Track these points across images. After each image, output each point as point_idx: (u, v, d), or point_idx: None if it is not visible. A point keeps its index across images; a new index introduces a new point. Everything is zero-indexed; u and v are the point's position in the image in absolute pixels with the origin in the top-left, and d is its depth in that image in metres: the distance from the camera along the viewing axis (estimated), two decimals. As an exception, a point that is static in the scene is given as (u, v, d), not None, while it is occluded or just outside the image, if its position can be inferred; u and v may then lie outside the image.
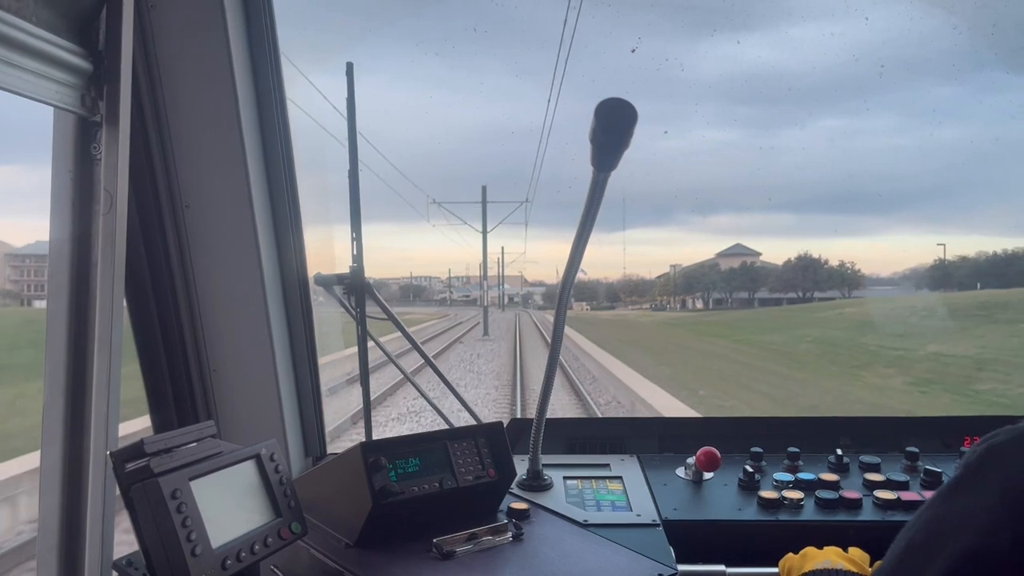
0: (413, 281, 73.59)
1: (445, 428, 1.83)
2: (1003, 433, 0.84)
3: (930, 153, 60.53)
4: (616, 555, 1.56)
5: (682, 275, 67.71)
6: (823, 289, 56.46)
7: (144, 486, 1.18)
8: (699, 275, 65.46)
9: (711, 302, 64.43)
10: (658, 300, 69.69)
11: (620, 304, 71.04)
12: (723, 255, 66.53)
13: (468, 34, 51.55)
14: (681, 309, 64.57)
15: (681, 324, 43.84)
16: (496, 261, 51.03)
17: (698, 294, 65.41)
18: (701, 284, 65.25)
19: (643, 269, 76.00)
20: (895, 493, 1.81)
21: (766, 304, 58.34)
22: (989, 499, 0.80)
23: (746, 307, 60.09)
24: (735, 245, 68.20)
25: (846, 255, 75.68)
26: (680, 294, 67.50)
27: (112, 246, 1.44)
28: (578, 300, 67.70)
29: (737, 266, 64.26)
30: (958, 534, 0.81)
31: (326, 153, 2.35)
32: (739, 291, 62.25)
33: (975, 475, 0.83)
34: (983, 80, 51.40)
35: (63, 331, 1.47)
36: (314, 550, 1.56)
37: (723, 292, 63.30)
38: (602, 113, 1.42)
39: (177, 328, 1.87)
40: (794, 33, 58.59)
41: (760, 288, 62.15)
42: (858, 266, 59.63)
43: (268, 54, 1.86)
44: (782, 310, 49.49)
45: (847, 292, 55.42)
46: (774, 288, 60.81)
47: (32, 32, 1.26)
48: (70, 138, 1.44)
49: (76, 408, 1.47)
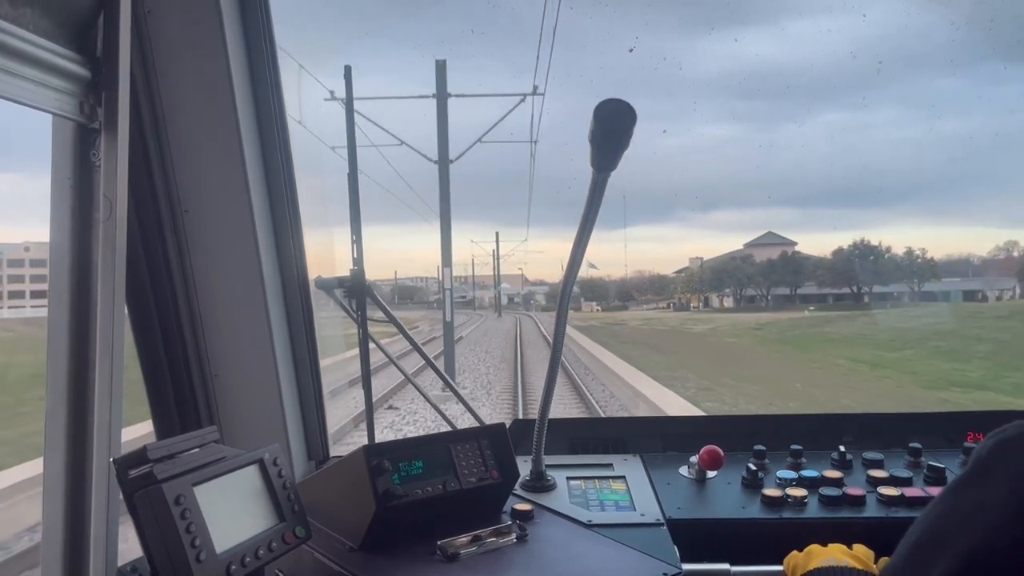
0: (399, 282, 65.31)
1: (448, 430, 1.83)
2: (1011, 428, 0.84)
3: (930, 146, 59.98)
4: (620, 555, 1.56)
5: (709, 269, 58.42)
6: (884, 283, 47.99)
7: (148, 492, 1.18)
8: (730, 269, 55.56)
9: (742, 300, 56.07)
10: (678, 298, 60.98)
11: (633, 303, 63.52)
12: (754, 245, 57.80)
13: (466, 35, 51.46)
14: (705, 308, 55.86)
15: (743, 332, 34.89)
16: (488, 255, 45.32)
17: (727, 291, 56.71)
18: (734, 279, 55.34)
19: (645, 266, 70.08)
20: (899, 489, 1.81)
21: (809, 301, 49.23)
22: (998, 494, 0.80)
23: (786, 305, 49.61)
24: (767, 234, 59.40)
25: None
26: (707, 291, 58.61)
27: (112, 252, 1.44)
28: (587, 300, 60.63)
29: (776, 257, 54.36)
30: (967, 530, 0.81)
31: (323, 156, 2.36)
32: (778, 286, 53.37)
33: (984, 470, 0.83)
34: (983, 73, 51.34)
35: (64, 338, 1.47)
36: (318, 554, 1.56)
37: (758, 288, 54.56)
38: (601, 114, 1.42)
39: (178, 333, 1.87)
40: (792, 30, 58.61)
41: (805, 283, 52.71)
42: (930, 254, 49.63)
43: (266, 59, 1.86)
44: (885, 314, 38.21)
45: (917, 285, 47.20)
46: (823, 282, 51.04)
47: (30, 40, 1.26)
48: (69, 145, 1.44)
49: (78, 415, 1.47)
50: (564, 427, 2.24)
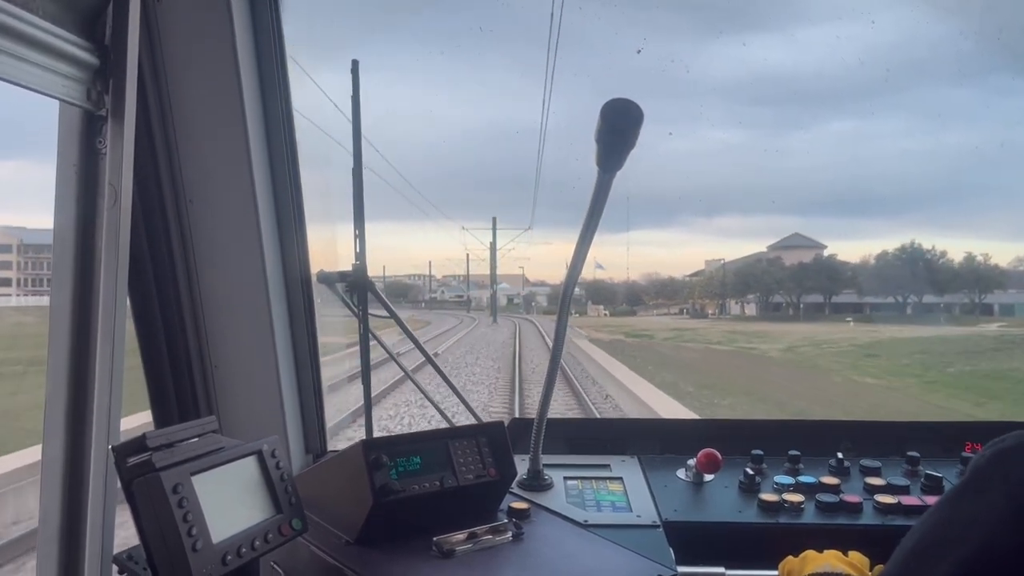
0: (392, 279, 57.07)
1: (446, 427, 1.83)
2: (1010, 438, 0.84)
3: (937, 156, 59.52)
4: (616, 555, 1.56)
5: (732, 273, 51.08)
6: (940, 291, 40.51)
7: (146, 480, 1.19)
8: (757, 272, 48.63)
9: (768, 307, 48.93)
10: (692, 304, 55.11)
11: (641, 307, 58.32)
12: (779, 247, 51.28)
13: (474, 33, 51.49)
14: (721, 315, 49.91)
15: (848, 358, 24.15)
16: (487, 248, 38.93)
17: (750, 297, 50.27)
18: (761, 284, 48.37)
19: (647, 270, 67.88)
20: (896, 497, 1.80)
21: (841, 311, 43.12)
22: (996, 504, 0.79)
23: (817, 315, 43.52)
24: (793, 235, 52.35)
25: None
26: (731, 296, 52.82)
27: (116, 240, 1.44)
28: (594, 303, 55.26)
29: (809, 260, 47.92)
30: (964, 539, 0.80)
31: (330, 150, 2.36)
32: (810, 293, 46.71)
33: (982, 479, 0.83)
34: (991, 84, 51.07)
35: (66, 324, 1.47)
36: (314, 547, 1.56)
37: (789, 294, 47.92)
38: (608, 113, 1.42)
39: (179, 323, 1.87)
40: (800, 35, 58.47)
41: (843, 290, 45.54)
42: (993, 259, 41.05)
43: (273, 51, 1.86)
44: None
45: (979, 295, 40.08)
46: (866, 290, 44.13)
47: (39, 26, 1.26)
48: (75, 132, 1.44)
49: (78, 402, 1.47)
50: (562, 427, 2.24)
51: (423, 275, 63.34)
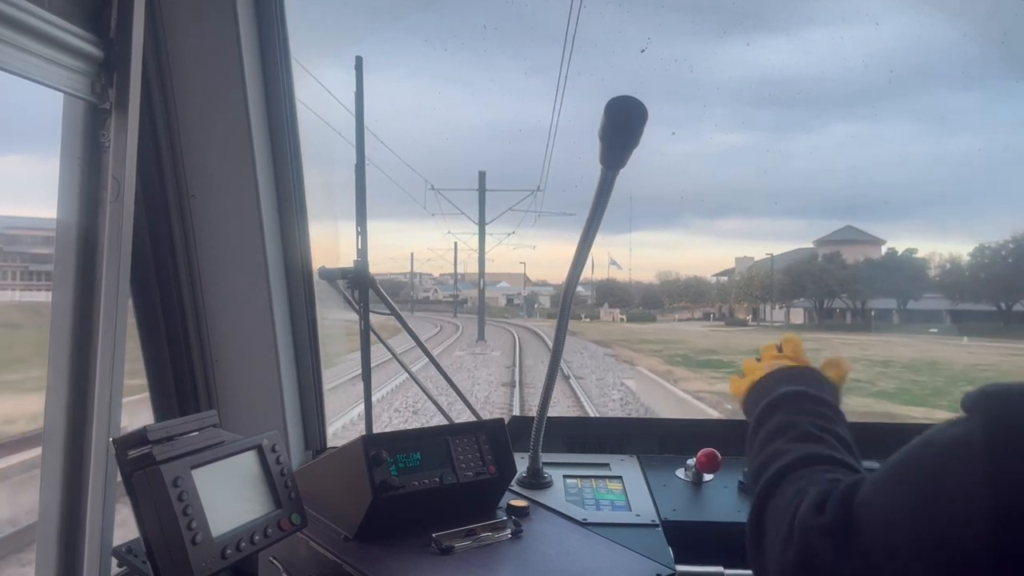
0: (384, 277, 50.04)
1: (446, 424, 1.83)
2: (1003, 384, 0.87)
3: (939, 161, 59.22)
4: (615, 554, 1.56)
5: (781, 271, 40.47)
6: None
7: (146, 473, 1.19)
8: (814, 271, 38.29)
9: (819, 313, 39.21)
10: (719, 308, 45.91)
11: (659, 310, 49.45)
12: (828, 242, 40.91)
13: (478, 31, 51.40)
14: (755, 321, 40.85)
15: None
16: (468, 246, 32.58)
17: (792, 301, 40.43)
18: (821, 284, 37.91)
19: (651, 272, 66.05)
20: None
21: (915, 319, 35.57)
22: (974, 430, 0.83)
23: (884, 324, 35.28)
24: (845, 228, 42.43)
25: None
26: (777, 299, 41.33)
27: (119, 234, 1.45)
28: (611, 306, 48.69)
29: (877, 257, 38.68)
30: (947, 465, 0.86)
31: (332, 147, 2.36)
32: (878, 296, 37.22)
33: (967, 411, 0.87)
34: (995, 88, 50.83)
35: (68, 317, 1.47)
36: (313, 542, 1.56)
37: (853, 298, 38.43)
38: (612, 110, 1.42)
39: (181, 317, 1.88)
40: (804, 37, 58.32)
41: (922, 295, 36.14)
42: None
43: (277, 46, 1.86)
44: None
45: None
46: (959, 297, 35.03)
47: (44, 18, 1.26)
48: (79, 125, 1.44)
49: (79, 394, 1.48)
50: (562, 425, 2.24)
51: (419, 272, 58.04)
